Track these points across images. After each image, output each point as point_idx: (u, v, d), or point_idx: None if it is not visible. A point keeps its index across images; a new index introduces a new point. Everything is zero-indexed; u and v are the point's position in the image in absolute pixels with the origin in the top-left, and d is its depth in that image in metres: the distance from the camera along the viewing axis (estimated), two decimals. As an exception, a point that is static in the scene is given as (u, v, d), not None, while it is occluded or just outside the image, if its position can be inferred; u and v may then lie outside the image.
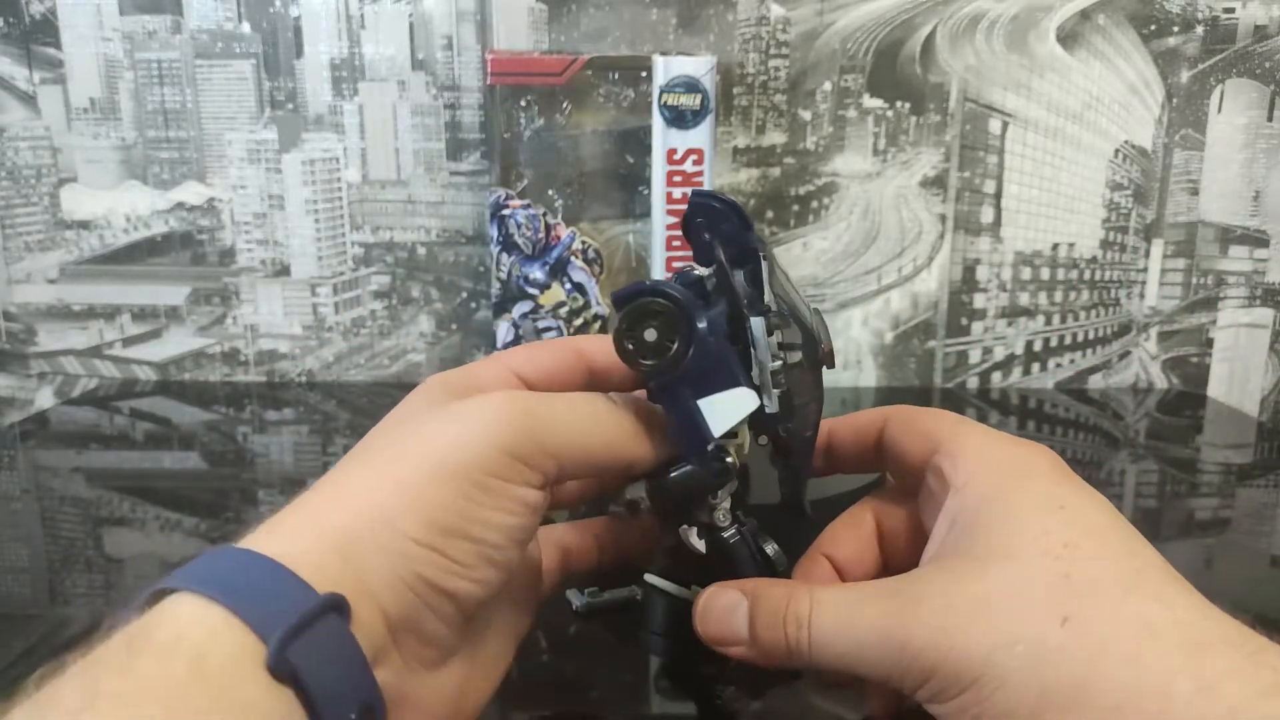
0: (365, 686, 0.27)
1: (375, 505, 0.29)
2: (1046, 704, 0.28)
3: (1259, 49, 0.80)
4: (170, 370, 0.86)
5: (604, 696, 0.45)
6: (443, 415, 0.32)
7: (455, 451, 0.30)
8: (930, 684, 0.30)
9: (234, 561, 0.28)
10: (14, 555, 0.59)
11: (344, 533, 0.29)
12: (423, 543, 0.29)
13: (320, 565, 0.28)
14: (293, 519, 0.30)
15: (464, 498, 0.30)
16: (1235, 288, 0.84)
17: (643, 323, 0.32)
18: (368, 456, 0.32)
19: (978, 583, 0.31)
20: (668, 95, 0.71)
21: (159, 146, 0.81)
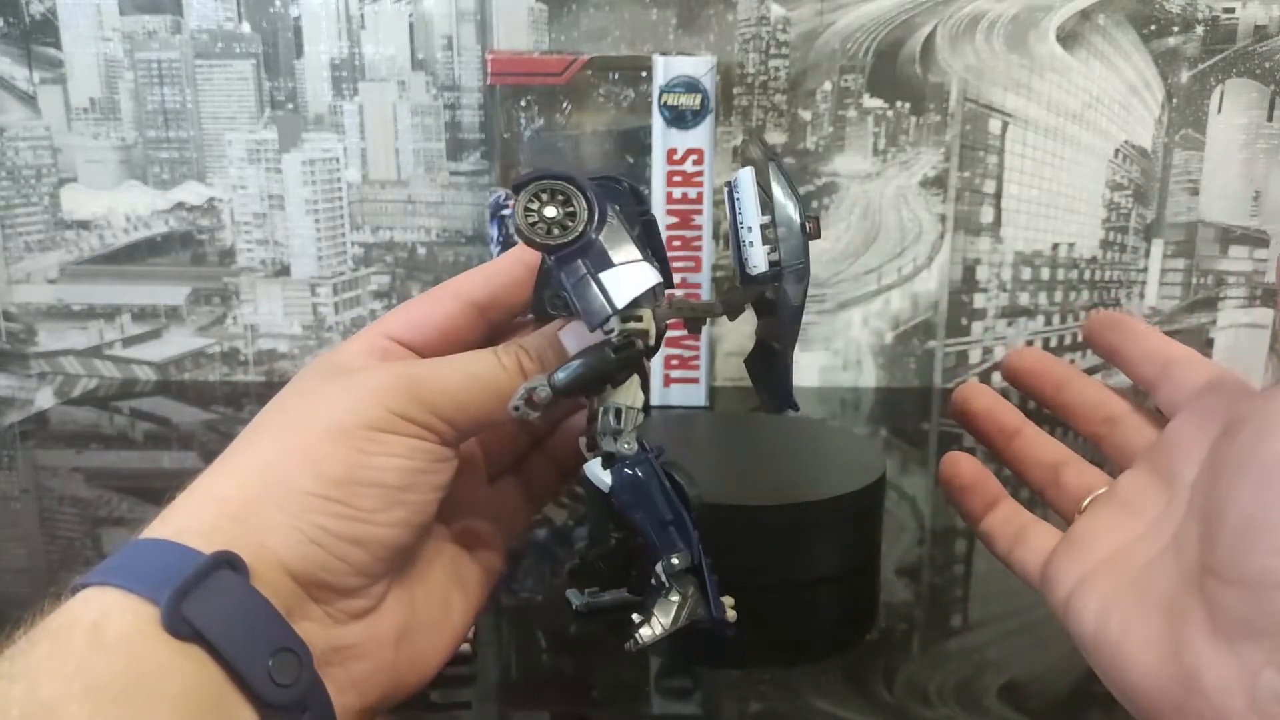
0: (277, 632, 0.28)
1: (267, 468, 0.30)
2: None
3: (1259, 49, 0.80)
4: (170, 370, 0.86)
5: (604, 696, 0.45)
6: (327, 386, 0.33)
7: (342, 414, 0.31)
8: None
9: (128, 551, 0.29)
10: (14, 555, 0.59)
11: (237, 500, 0.30)
12: (319, 494, 0.30)
13: (210, 531, 0.29)
14: (187, 499, 0.31)
15: (356, 450, 0.30)
16: (1235, 288, 0.84)
17: (543, 200, 0.32)
18: (256, 431, 0.33)
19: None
20: (668, 95, 0.71)
21: (159, 146, 0.81)
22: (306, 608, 0.30)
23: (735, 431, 0.64)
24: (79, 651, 0.25)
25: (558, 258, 0.32)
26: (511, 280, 0.36)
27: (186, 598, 0.26)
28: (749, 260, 0.35)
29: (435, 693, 0.43)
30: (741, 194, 0.34)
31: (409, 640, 0.33)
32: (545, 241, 0.32)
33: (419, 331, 0.35)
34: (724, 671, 0.46)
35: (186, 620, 0.26)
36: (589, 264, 0.32)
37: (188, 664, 0.26)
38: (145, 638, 0.26)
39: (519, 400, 0.31)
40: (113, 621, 0.26)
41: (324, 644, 0.30)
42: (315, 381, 0.34)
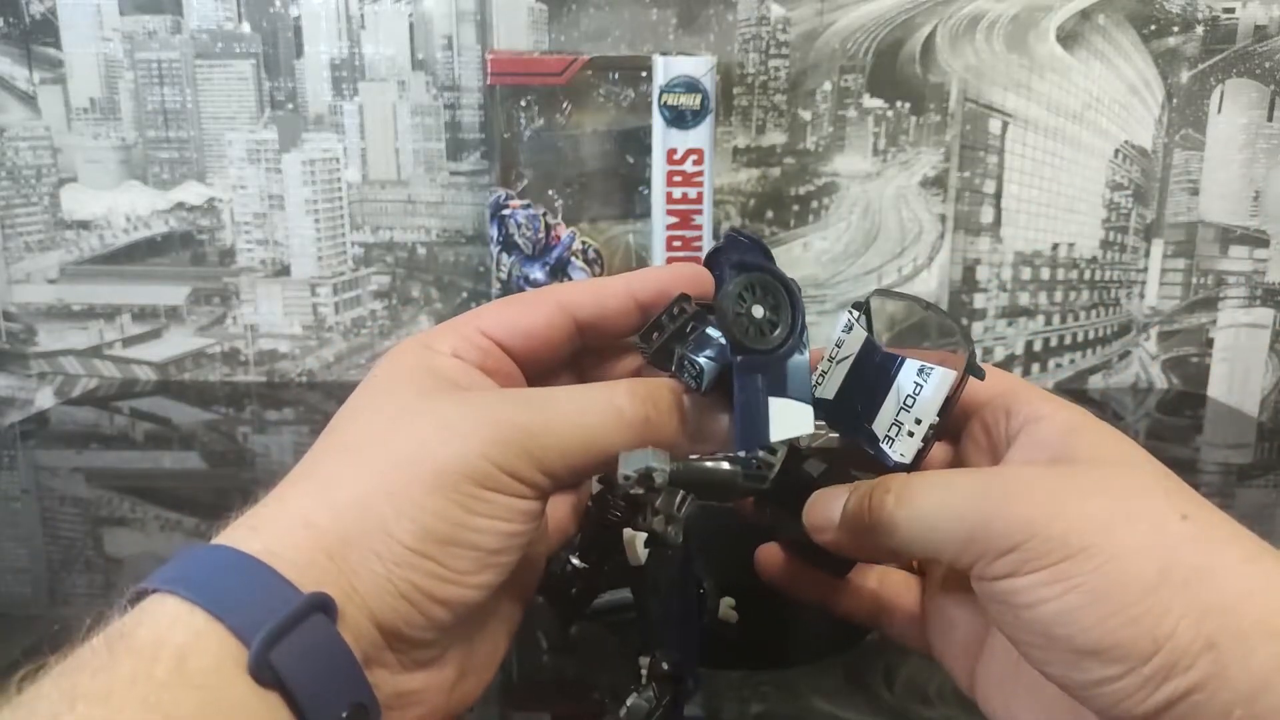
0: (355, 687, 0.27)
1: (366, 509, 0.29)
2: (1164, 580, 0.27)
3: (1259, 49, 0.80)
4: (170, 370, 0.86)
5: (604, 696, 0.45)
6: (431, 417, 0.30)
7: (447, 460, 0.29)
8: (1028, 545, 0.28)
9: (215, 561, 0.27)
10: (14, 555, 0.59)
11: (333, 534, 0.28)
12: (417, 550, 0.28)
13: (306, 565, 0.27)
14: (276, 515, 0.29)
15: (458, 506, 0.29)
16: (1235, 288, 0.84)
17: (755, 296, 0.30)
18: (353, 452, 0.31)
19: (1090, 472, 0.30)
20: (668, 95, 0.71)
21: (159, 146, 0.81)
22: (382, 655, 0.29)
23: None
24: (161, 681, 0.24)
25: (748, 374, 0.30)
26: (622, 310, 0.34)
27: (277, 643, 0.25)
28: (893, 441, 0.33)
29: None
30: (929, 387, 0.33)
31: (463, 681, 0.32)
32: (743, 340, 0.30)
33: (516, 335, 0.33)
34: (724, 671, 0.46)
35: (273, 668, 0.25)
36: (766, 381, 0.30)
37: (263, 708, 0.25)
38: (228, 677, 0.25)
39: (634, 473, 0.29)
40: (198, 652, 0.25)
41: (389, 691, 0.29)
42: (411, 395, 0.31)
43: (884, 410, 0.33)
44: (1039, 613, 0.28)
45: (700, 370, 0.31)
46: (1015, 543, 0.28)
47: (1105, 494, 0.29)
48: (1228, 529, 0.29)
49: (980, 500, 0.29)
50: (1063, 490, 0.29)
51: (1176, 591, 0.27)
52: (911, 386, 0.33)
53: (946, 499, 0.30)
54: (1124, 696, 0.27)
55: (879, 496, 0.31)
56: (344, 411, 0.32)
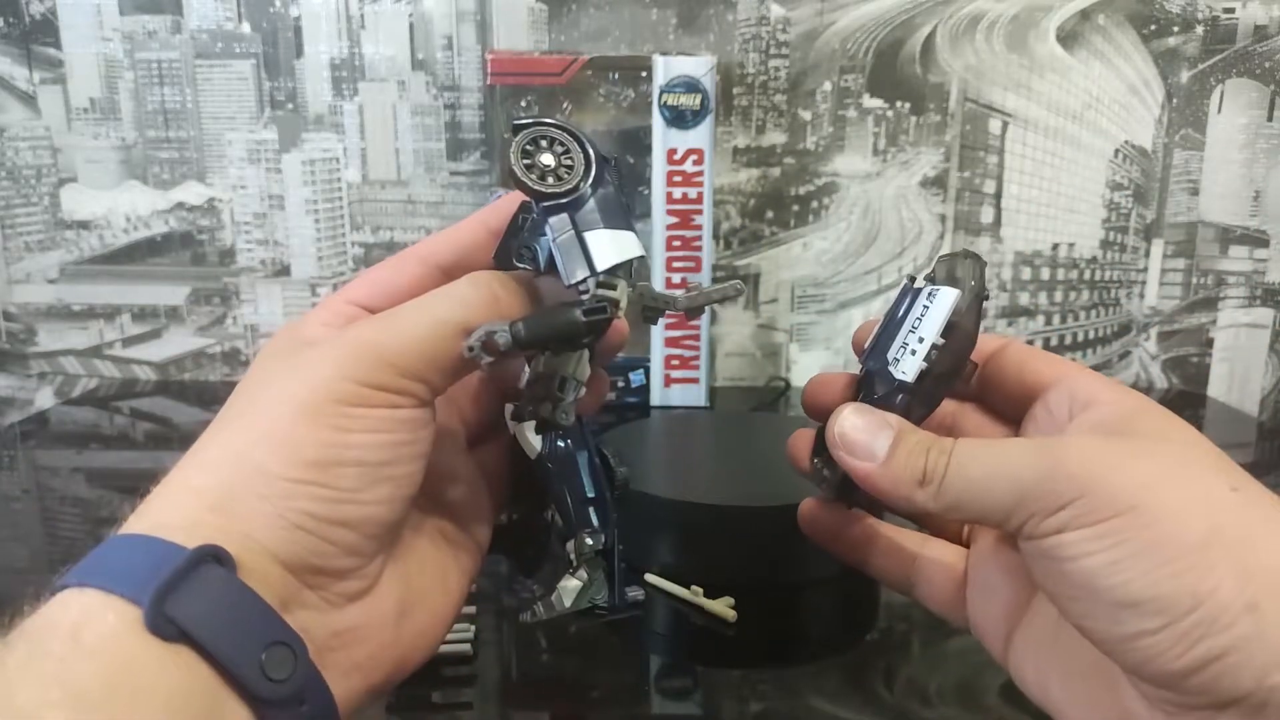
0: (269, 625, 0.27)
1: (239, 456, 0.29)
2: (1210, 541, 0.27)
3: (1259, 49, 0.80)
4: (170, 370, 0.86)
5: (604, 696, 0.45)
6: (286, 365, 0.31)
7: (309, 392, 0.29)
8: (1078, 503, 0.28)
9: (105, 548, 0.27)
10: (14, 555, 0.59)
11: (212, 490, 0.29)
12: (297, 479, 0.29)
13: (192, 526, 0.28)
14: (162, 493, 0.30)
15: (330, 428, 0.29)
16: (1235, 288, 0.84)
17: (541, 147, 0.31)
18: (224, 419, 0.31)
19: (1145, 444, 0.31)
20: (668, 95, 0.71)
21: (159, 146, 0.81)
22: (302, 595, 0.29)
23: (735, 431, 0.64)
24: (57, 655, 0.24)
25: (544, 207, 0.31)
26: (475, 243, 0.35)
27: (170, 596, 0.25)
28: (898, 361, 0.34)
29: (436, 693, 0.43)
30: (934, 307, 0.34)
31: (409, 616, 0.32)
32: (537, 187, 0.31)
33: (384, 297, 0.34)
34: (724, 671, 0.46)
35: (171, 620, 0.25)
36: (576, 220, 0.31)
37: (175, 666, 0.25)
38: (128, 640, 0.25)
39: (475, 341, 0.30)
40: (93, 623, 0.25)
41: (323, 631, 0.29)
42: (278, 359, 0.32)
43: (898, 336, 0.34)
44: (1084, 565, 0.28)
45: (534, 252, 0.32)
46: (1067, 500, 0.29)
47: (1157, 460, 0.30)
48: (1276, 504, 0.29)
49: (1034, 462, 0.30)
50: (1115, 454, 0.30)
51: (1222, 553, 0.27)
52: (919, 310, 0.34)
53: (1000, 464, 0.30)
54: (1161, 651, 0.27)
55: (935, 458, 0.31)
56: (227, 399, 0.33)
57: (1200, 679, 0.27)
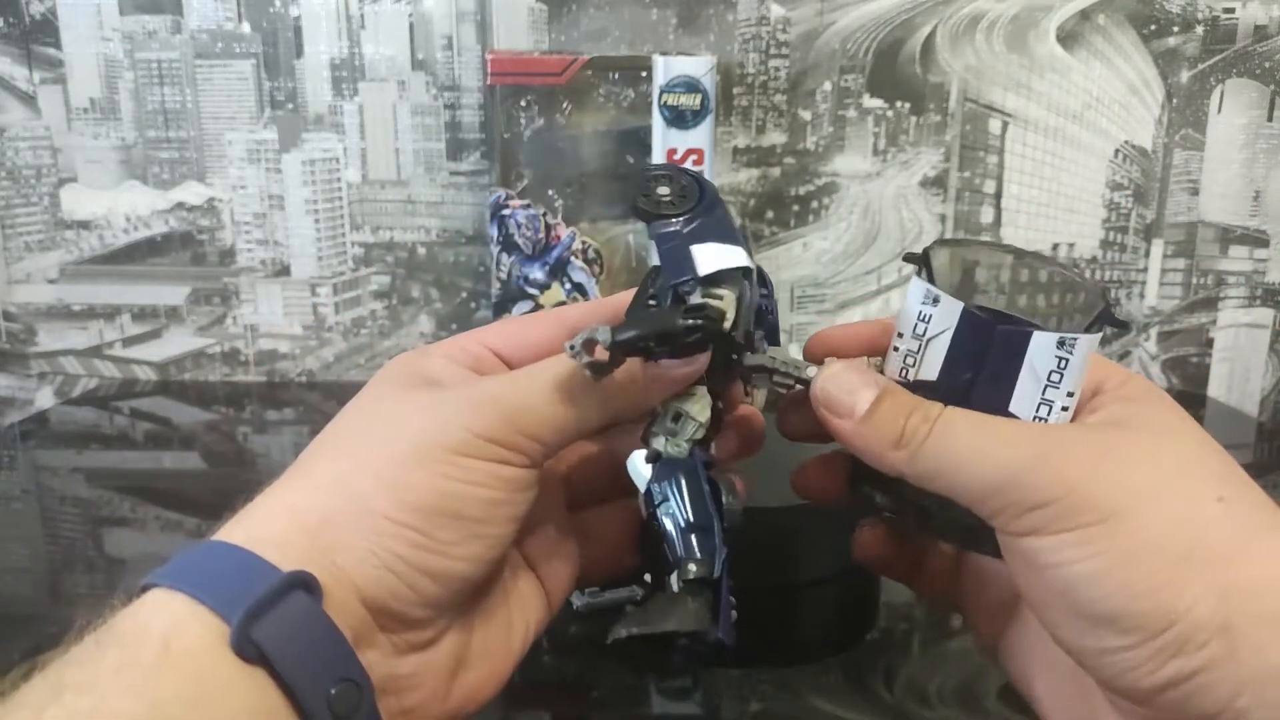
0: (343, 662, 0.27)
1: (344, 485, 0.29)
2: (1189, 557, 0.27)
3: (1259, 49, 0.80)
4: (170, 370, 0.86)
5: (604, 697, 0.45)
6: (409, 404, 0.31)
7: (424, 434, 0.30)
8: (1057, 505, 0.28)
9: (201, 553, 0.28)
10: (14, 555, 0.59)
11: (312, 513, 0.29)
12: (397, 521, 0.29)
13: (287, 546, 0.28)
14: (262, 506, 0.30)
15: (438, 475, 0.29)
16: (1235, 288, 0.84)
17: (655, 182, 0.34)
18: (334, 443, 0.31)
19: (1136, 442, 0.30)
20: (668, 95, 0.71)
21: (159, 146, 0.81)
22: (373, 635, 0.29)
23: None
24: (147, 665, 0.25)
25: (662, 232, 0.33)
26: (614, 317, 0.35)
27: (258, 619, 0.26)
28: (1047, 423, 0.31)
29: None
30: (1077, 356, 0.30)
31: (465, 670, 0.32)
32: (646, 207, 0.33)
33: (516, 346, 0.34)
34: (724, 671, 0.46)
35: (255, 643, 0.26)
36: (684, 235, 0.33)
37: (250, 687, 0.26)
38: (212, 656, 0.26)
39: (577, 342, 0.29)
40: (182, 635, 0.26)
41: (382, 672, 0.29)
42: (396, 391, 0.32)
43: (1021, 390, 0.31)
44: (1061, 574, 0.28)
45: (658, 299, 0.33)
46: (1048, 499, 0.28)
47: (1146, 464, 0.29)
48: (1264, 516, 0.29)
49: (1022, 449, 0.29)
50: (1105, 454, 0.29)
51: (1200, 570, 0.27)
52: (1053, 361, 0.30)
53: (986, 442, 0.29)
54: (1132, 667, 0.27)
55: (916, 422, 0.30)
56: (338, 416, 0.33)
57: (1171, 697, 0.27)
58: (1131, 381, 0.32)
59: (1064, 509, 0.28)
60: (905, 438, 0.30)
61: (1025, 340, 0.30)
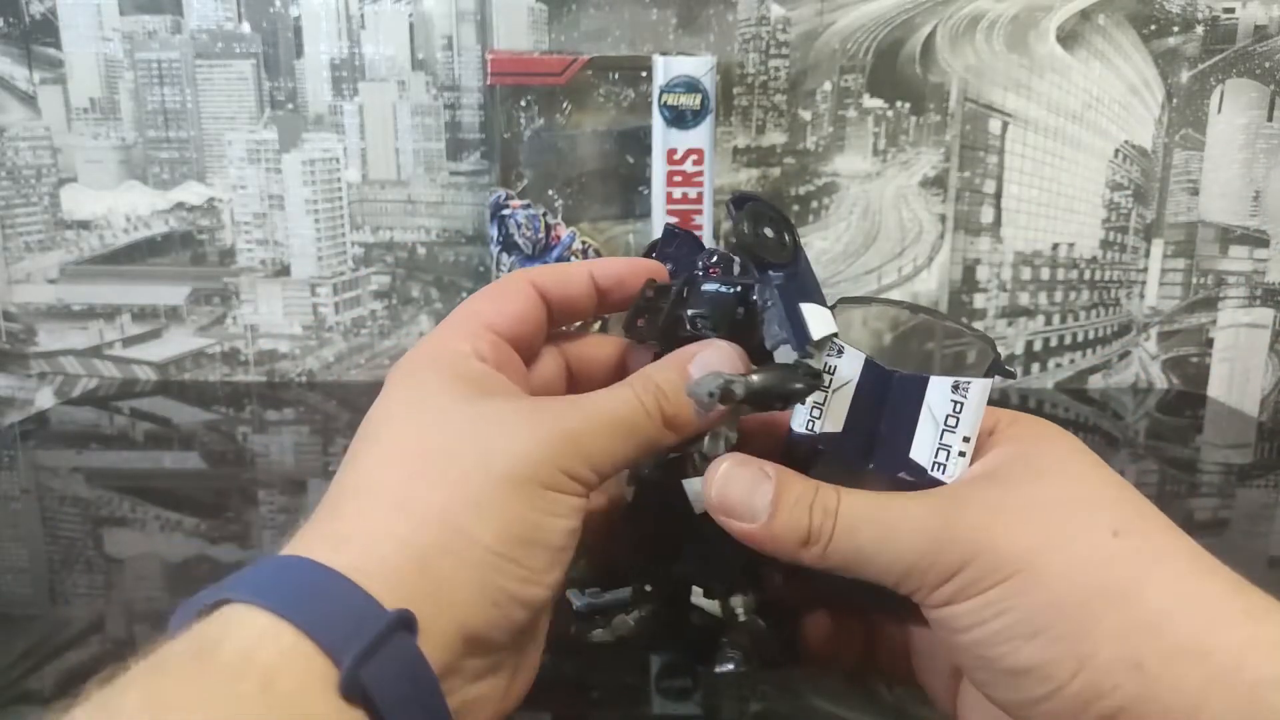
0: (434, 702, 0.27)
1: (449, 516, 0.29)
2: (1097, 600, 0.27)
3: (1259, 49, 0.80)
4: (170, 370, 0.86)
5: (604, 697, 0.45)
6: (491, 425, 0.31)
7: (518, 468, 0.30)
8: (964, 574, 0.29)
9: (302, 575, 0.27)
10: (14, 555, 0.59)
11: (419, 546, 0.28)
12: (501, 553, 0.29)
13: (395, 580, 0.27)
14: (358, 528, 0.29)
15: (531, 508, 0.30)
16: (1235, 288, 0.84)
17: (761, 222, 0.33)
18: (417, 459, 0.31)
19: (1028, 489, 0.30)
20: (668, 95, 0.71)
21: (159, 146, 0.81)
22: (460, 665, 0.29)
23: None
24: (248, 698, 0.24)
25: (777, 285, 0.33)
26: (583, 293, 0.37)
27: (366, 662, 0.25)
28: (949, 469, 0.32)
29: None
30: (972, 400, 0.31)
31: (514, 686, 0.32)
32: (764, 255, 0.33)
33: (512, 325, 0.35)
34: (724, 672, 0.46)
35: (362, 685, 0.25)
36: (793, 292, 0.33)
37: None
38: (317, 697, 0.25)
39: (715, 389, 0.30)
40: (286, 671, 0.25)
41: (456, 699, 0.29)
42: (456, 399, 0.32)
43: (920, 435, 0.32)
44: (974, 635, 0.29)
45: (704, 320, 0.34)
46: (955, 569, 0.29)
47: (1041, 511, 0.29)
48: (1162, 543, 0.29)
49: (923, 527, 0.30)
50: (1000, 511, 0.29)
51: (1102, 611, 0.27)
52: (949, 405, 0.31)
53: (889, 529, 0.30)
54: (1055, 716, 0.28)
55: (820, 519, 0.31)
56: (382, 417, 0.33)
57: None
58: (1020, 422, 0.33)
59: (972, 575, 0.29)
60: (813, 537, 0.31)
61: (923, 385, 0.32)
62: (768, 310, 0.33)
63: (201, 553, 0.57)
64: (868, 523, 0.30)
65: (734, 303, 0.34)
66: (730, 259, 0.37)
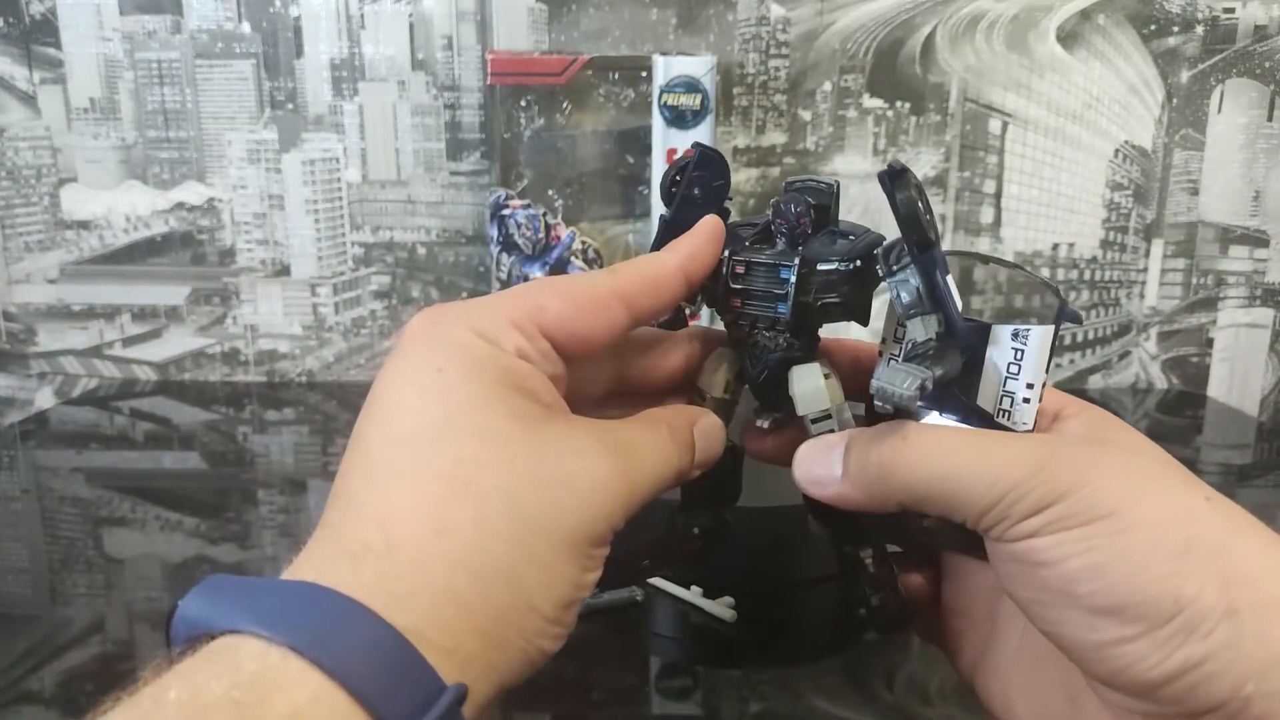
0: None
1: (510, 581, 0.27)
2: (1190, 549, 0.27)
3: (1259, 49, 0.80)
4: (170, 370, 0.86)
5: (604, 697, 0.45)
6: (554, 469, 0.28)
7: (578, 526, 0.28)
8: (1057, 507, 0.28)
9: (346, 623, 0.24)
10: (14, 555, 0.59)
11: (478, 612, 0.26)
12: (552, 620, 0.28)
13: (452, 649, 0.25)
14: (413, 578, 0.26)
15: (582, 569, 0.29)
16: (1235, 288, 0.84)
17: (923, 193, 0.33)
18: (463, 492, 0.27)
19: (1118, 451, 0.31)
20: (668, 95, 0.71)
21: (159, 146, 0.81)
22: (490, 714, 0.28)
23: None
24: None
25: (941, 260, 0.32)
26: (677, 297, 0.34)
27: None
28: (1015, 415, 0.32)
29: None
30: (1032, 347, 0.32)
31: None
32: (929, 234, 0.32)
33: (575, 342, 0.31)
34: (724, 671, 0.46)
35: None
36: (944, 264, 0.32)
37: None
38: None
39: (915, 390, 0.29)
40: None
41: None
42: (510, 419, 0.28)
43: (985, 381, 0.32)
44: (1061, 569, 0.28)
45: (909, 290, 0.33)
46: (1045, 504, 0.28)
47: (1134, 469, 0.30)
48: (1248, 516, 0.29)
49: (1017, 462, 0.29)
50: (1093, 461, 0.29)
51: (1201, 560, 0.27)
52: (1010, 354, 0.32)
53: (981, 456, 0.29)
54: (1138, 659, 0.27)
55: (895, 447, 0.30)
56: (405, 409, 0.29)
57: (1176, 688, 0.27)
58: (1091, 410, 0.33)
59: (1066, 509, 0.28)
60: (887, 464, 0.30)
61: (985, 333, 0.32)
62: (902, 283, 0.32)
63: (201, 553, 0.57)
64: (962, 448, 0.30)
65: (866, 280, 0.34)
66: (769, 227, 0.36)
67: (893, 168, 0.31)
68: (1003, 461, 0.29)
